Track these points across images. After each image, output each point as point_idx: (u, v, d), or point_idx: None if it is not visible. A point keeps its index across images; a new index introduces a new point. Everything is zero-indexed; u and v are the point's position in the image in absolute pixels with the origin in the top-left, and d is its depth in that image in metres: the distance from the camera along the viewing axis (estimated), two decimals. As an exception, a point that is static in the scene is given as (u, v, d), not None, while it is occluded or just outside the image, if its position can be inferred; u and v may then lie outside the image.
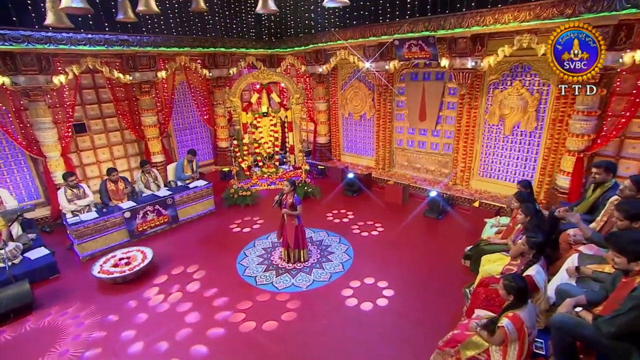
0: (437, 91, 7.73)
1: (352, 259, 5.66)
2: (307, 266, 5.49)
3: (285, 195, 5.35)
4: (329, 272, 5.32)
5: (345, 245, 6.09)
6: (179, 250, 6.15)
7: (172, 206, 6.96)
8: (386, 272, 5.22)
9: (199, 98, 9.60)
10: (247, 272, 5.43)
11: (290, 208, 5.26)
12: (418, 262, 5.51)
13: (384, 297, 4.67)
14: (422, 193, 8.05)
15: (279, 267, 5.52)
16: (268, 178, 9.19)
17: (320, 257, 5.73)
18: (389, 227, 6.65)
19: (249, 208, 7.78)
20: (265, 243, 6.29)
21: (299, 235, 5.45)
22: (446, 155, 8.05)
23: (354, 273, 5.26)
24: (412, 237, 6.34)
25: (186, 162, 7.87)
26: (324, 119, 10.08)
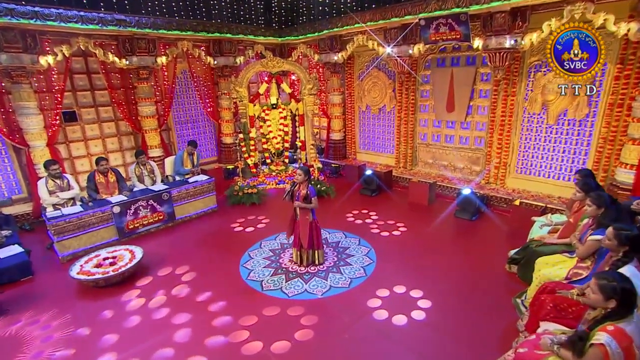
0: (467, 78, 7.13)
1: (374, 262, 5.00)
2: (323, 270, 4.84)
3: (298, 185, 4.73)
4: (349, 277, 4.67)
5: (366, 247, 5.44)
6: (175, 251, 5.55)
7: (168, 202, 6.36)
8: (419, 279, 4.53)
9: (202, 89, 9.11)
10: (251, 276, 4.78)
11: (303, 200, 4.63)
12: (455, 268, 4.82)
13: (420, 309, 3.96)
14: (449, 193, 7.41)
15: (289, 270, 4.88)
16: (276, 176, 8.58)
17: (338, 260, 5.09)
18: (416, 230, 5.99)
19: (254, 207, 7.18)
20: (273, 244, 5.66)
21: (313, 234, 4.81)
22: (477, 150, 7.39)
23: (380, 279, 4.59)
24: (445, 240, 5.67)
25: (186, 155, 7.30)
26: (339, 112, 9.52)
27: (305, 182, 4.71)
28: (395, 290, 4.33)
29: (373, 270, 4.81)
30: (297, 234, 4.86)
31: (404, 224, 6.12)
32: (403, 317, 3.85)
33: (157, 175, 6.91)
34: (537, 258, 4.09)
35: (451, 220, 6.34)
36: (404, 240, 5.66)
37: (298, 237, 4.84)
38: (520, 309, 3.92)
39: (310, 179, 4.81)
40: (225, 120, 9.32)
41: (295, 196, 4.75)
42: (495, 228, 5.98)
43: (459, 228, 6.04)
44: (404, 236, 5.79)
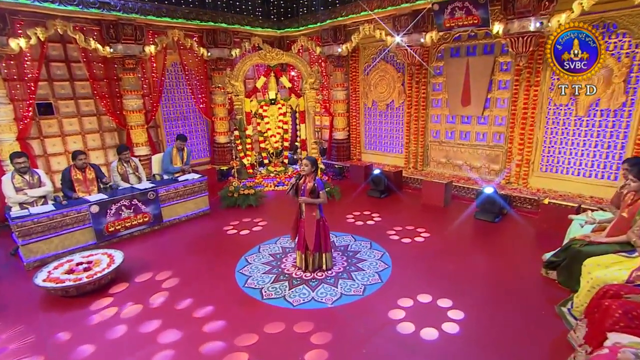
0: (485, 68, 6.77)
1: (390, 267, 4.53)
2: (331, 276, 4.35)
3: (304, 178, 4.26)
4: (362, 283, 4.19)
5: (378, 251, 4.98)
6: (163, 256, 5.07)
7: (154, 202, 5.85)
8: (445, 287, 4.05)
9: (194, 83, 8.68)
10: (249, 284, 4.27)
11: (309, 195, 4.15)
12: (483, 274, 4.36)
13: (451, 321, 3.46)
14: (466, 194, 7.01)
15: (293, 276, 4.39)
16: (275, 178, 8.09)
17: (348, 265, 4.61)
18: (434, 233, 5.54)
19: (251, 210, 6.71)
20: (273, 248, 5.18)
21: (320, 233, 4.33)
22: (496, 147, 6.99)
23: (399, 287, 4.13)
24: (467, 244, 5.22)
25: (175, 151, 6.81)
26: (342, 110, 9.12)
27: (311, 174, 4.26)
28: (419, 299, 3.83)
29: (389, 276, 4.34)
30: (301, 235, 4.38)
31: (423, 228, 5.64)
32: (433, 331, 3.34)
33: (142, 172, 6.41)
34: (582, 260, 3.64)
35: (472, 223, 5.89)
36: (424, 245, 5.18)
37: (303, 237, 4.36)
38: (567, 319, 3.45)
39: (317, 170, 4.34)
40: (219, 118, 8.87)
41: (300, 191, 4.27)
42: (523, 230, 5.55)
43: (482, 231, 5.59)
44: (425, 241, 5.31)
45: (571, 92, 5.84)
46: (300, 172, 4.31)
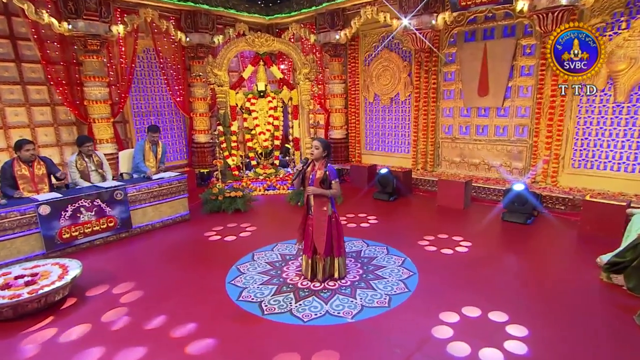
0: (505, 52, 6.47)
1: (416, 274, 4.01)
2: (346, 285, 3.78)
3: (312, 164, 3.71)
4: (386, 293, 3.64)
5: (398, 257, 4.48)
6: (131, 268, 4.43)
7: (122, 204, 5.17)
8: (492, 298, 3.54)
9: (170, 72, 8.11)
10: (245, 296, 3.65)
11: (320, 184, 3.62)
12: (533, 282, 3.87)
13: (514, 339, 2.91)
14: (487, 195, 6.63)
15: (299, 287, 3.79)
16: (265, 181, 7.49)
17: (364, 272, 4.05)
18: (461, 237, 5.02)
19: (238, 215, 6.12)
20: (270, 256, 4.61)
21: (332, 233, 3.76)
22: (519, 142, 6.64)
23: (434, 297, 3.61)
24: (503, 248, 4.79)
25: (147, 146, 6.14)
26: (340, 105, 8.71)
27: (322, 160, 3.72)
28: (465, 312, 3.26)
29: (417, 285, 3.79)
30: (309, 235, 3.80)
31: (446, 234, 5.12)
32: (495, 352, 2.76)
33: (108, 169, 5.72)
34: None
35: (501, 226, 5.44)
36: (448, 249, 4.66)
37: (311, 239, 3.77)
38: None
39: (329, 154, 3.79)
40: (199, 114, 8.27)
41: (308, 180, 3.71)
42: (562, 232, 5.15)
43: (515, 234, 5.13)
44: (452, 246, 4.77)
45: (607, 74, 5.55)
46: (310, 156, 3.75)
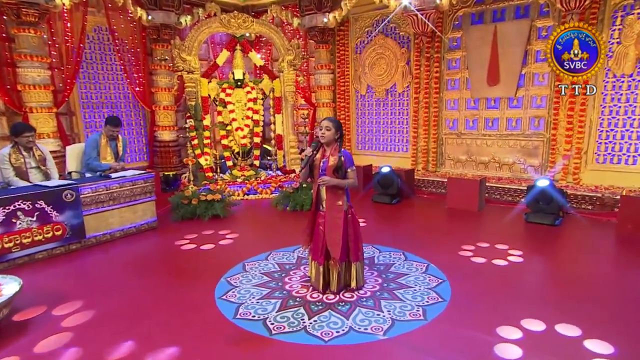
0: (518, 36, 6.47)
1: (446, 281, 3.78)
2: (366, 296, 3.48)
3: (322, 150, 3.44)
4: (417, 304, 3.36)
5: (420, 262, 4.25)
6: (85, 284, 3.95)
7: (73, 207, 4.65)
8: (549, 309, 3.26)
9: (128, 57, 7.67)
10: (243, 313, 3.26)
11: (333, 174, 3.33)
12: (591, 290, 3.61)
13: (601, 358, 2.62)
14: (501, 195, 6.58)
15: (309, 300, 3.46)
16: (244, 184, 7.11)
17: (384, 281, 3.77)
18: (485, 240, 4.88)
19: (215, 221, 5.79)
20: (265, 265, 4.29)
21: (349, 232, 3.46)
22: (535, 136, 6.62)
23: (478, 308, 3.33)
24: (538, 252, 4.56)
25: (104, 140, 5.63)
26: (328, 99, 8.59)
27: (334, 144, 3.43)
28: (526, 326, 2.95)
29: (452, 293, 3.53)
30: (319, 236, 3.47)
31: (471, 239, 4.92)
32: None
33: (53, 167, 5.19)
34: None
35: (526, 228, 5.31)
36: (478, 254, 4.45)
37: (322, 240, 3.45)
38: None
39: (342, 136, 3.50)
40: (163, 107, 7.83)
41: (318, 169, 3.41)
42: (598, 232, 5.08)
43: (547, 236, 4.98)
44: (477, 253, 4.56)
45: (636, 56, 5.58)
46: (320, 138, 3.43)
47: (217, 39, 9.07)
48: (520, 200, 6.15)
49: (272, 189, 7.01)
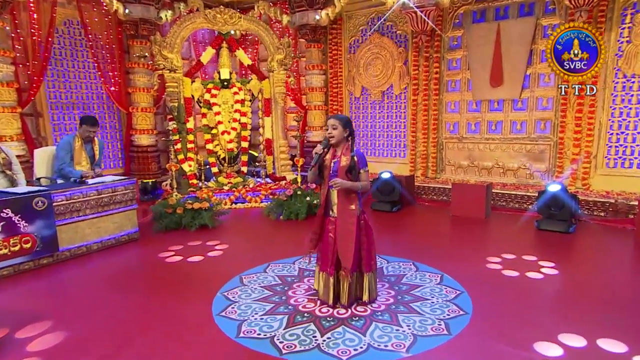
0: (522, 34, 6.53)
1: (465, 293, 3.70)
2: (380, 310, 3.39)
3: (331, 150, 3.35)
4: (436, 317, 3.27)
5: (432, 273, 4.16)
6: (58, 302, 3.73)
7: (45, 217, 4.40)
8: (587, 323, 3.15)
9: (102, 53, 7.46)
10: (247, 331, 3.11)
11: (345, 176, 3.25)
12: (629, 301, 3.56)
13: None
14: (507, 202, 6.60)
15: (318, 314, 3.35)
16: (231, 192, 6.93)
17: (397, 293, 3.70)
18: (499, 251, 4.83)
19: (203, 231, 5.62)
20: (264, 278, 4.19)
21: (362, 239, 3.36)
22: (541, 139, 6.67)
23: (505, 320, 3.24)
24: (557, 261, 4.45)
25: (78, 144, 5.38)
26: (320, 101, 8.54)
27: (345, 143, 3.34)
28: (564, 341, 2.84)
29: (473, 305, 3.44)
30: (328, 244, 3.35)
31: (501, 249, 4.90)
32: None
33: (19, 171, 4.97)
34: None
35: (539, 236, 5.31)
36: (494, 263, 4.38)
37: (332, 248, 3.33)
38: None
39: (353, 134, 3.40)
40: (141, 108, 7.59)
41: (327, 170, 3.31)
42: (616, 240, 5.08)
43: (563, 244, 4.98)
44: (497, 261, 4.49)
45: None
46: (328, 137, 3.31)
47: (200, 36, 8.92)
48: (528, 207, 6.16)
49: (262, 197, 6.88)
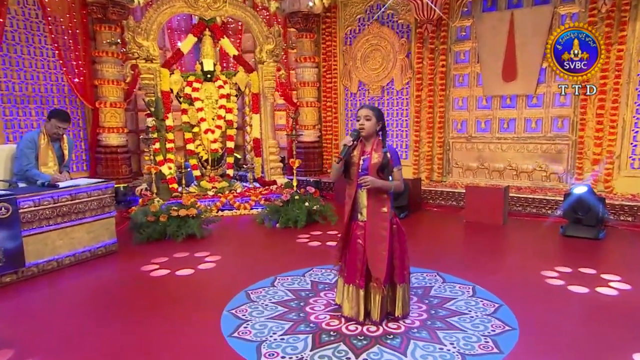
0: (538, 24, 6.73)
1: (504, 305, 3.61)
2: (415, 327, 3.28)
3: (360, 144, 3.26)
4: (481, 333, 3.18)
5: (462, 285, 4.12)
6: (39, 329, 3.43)
7: (8, 226, 4.13)
8: None
9: (64, 39, 7.27)
10: (268, 354, 2.96)
11: (375, 173, 3.16)
12: None
13: None
14: (523, 207, 6.65)
15: (346, 333, 3.21)
16: (217, 197, 6.76)
17: (429, 308, 3.63)
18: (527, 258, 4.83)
19: (189, 242, 5.48)
20: (275, 293, 4.03)
21: (394, 246, 3.24)
22: (559, 138, 6.86)
23: (557, 337, 3.16)
24: (595, 269, 4.46)
25: (44, 142, 5.08)
26: (312, 97, 8.61)
27: (376, 137, 3.27)
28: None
29: (518, 319, 3.36)
30: (357, 252, 3.22)
31: (528, 257, 4.99)
32: None
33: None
34: None
35: (566, 243, 5.33)
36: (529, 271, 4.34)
37: (361, 257, 3.19)
38: None
39: (384, 130, 3.30)
40: (109, 103, 7.39)
41: (356, 166, 3.21)
42: None
43: (598, 252, 5.06)
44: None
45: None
46: (359, 128, 3.19)
47: (174, 23, 8.73)
48: (547, 212, 6.20)
49: (252, 203, 6.74)
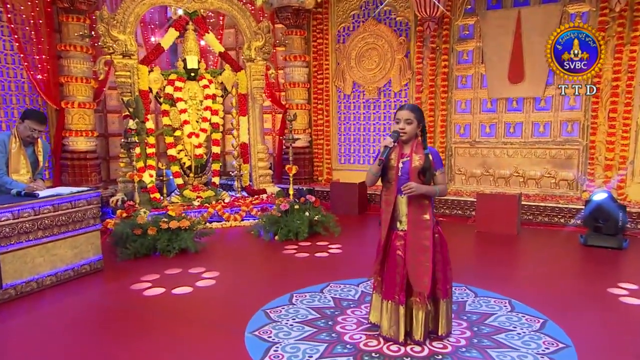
0: (547, 23, 6.86)
1: (550, 321, 3.63)
2: (462, 346, 3.27)
3: (398, 146, 3.21)
4: (536, 352, 3.18)
5: (498, 299, 4.19)
6: None
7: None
8: None
9: (25, 31, 7.19)
10: None
11: (417, 176, 3.14)
12: None
13: None
14: (534, 216, 6.81)
15: (388, 354, 3.18)
16: (203, 208, 6.64)
17: (470, 326, 3.62)
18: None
19: (182, 257, 5.43)
20: (296, 312, 3.99)
21: (437, 258, 3.22)
22: (568, 143, 7.00)
23: (623, 355, 3.20)
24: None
25: (16, 146, 4.87)
26: (302, 99, 8.63)
27: (415, 140, 3.23)
28: None
29: (567, 334, 3.37)
30: (396, 266, 3.17)
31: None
32: None
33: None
34: None
35: (585, 253, 5.45)
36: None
37: (400, 270, 3.15)
38: None
39: (425, 132, 3.28)
40: (77, 103, 7.19)
41: (395, 170, 3.18)
42: None
43: (617, 265, 5.13)
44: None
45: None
46: (394, 130, 3.17)
47: (147, 17, 8.57)
48: (559, 221, 6.36)
49: (242, 214, 6.62)
